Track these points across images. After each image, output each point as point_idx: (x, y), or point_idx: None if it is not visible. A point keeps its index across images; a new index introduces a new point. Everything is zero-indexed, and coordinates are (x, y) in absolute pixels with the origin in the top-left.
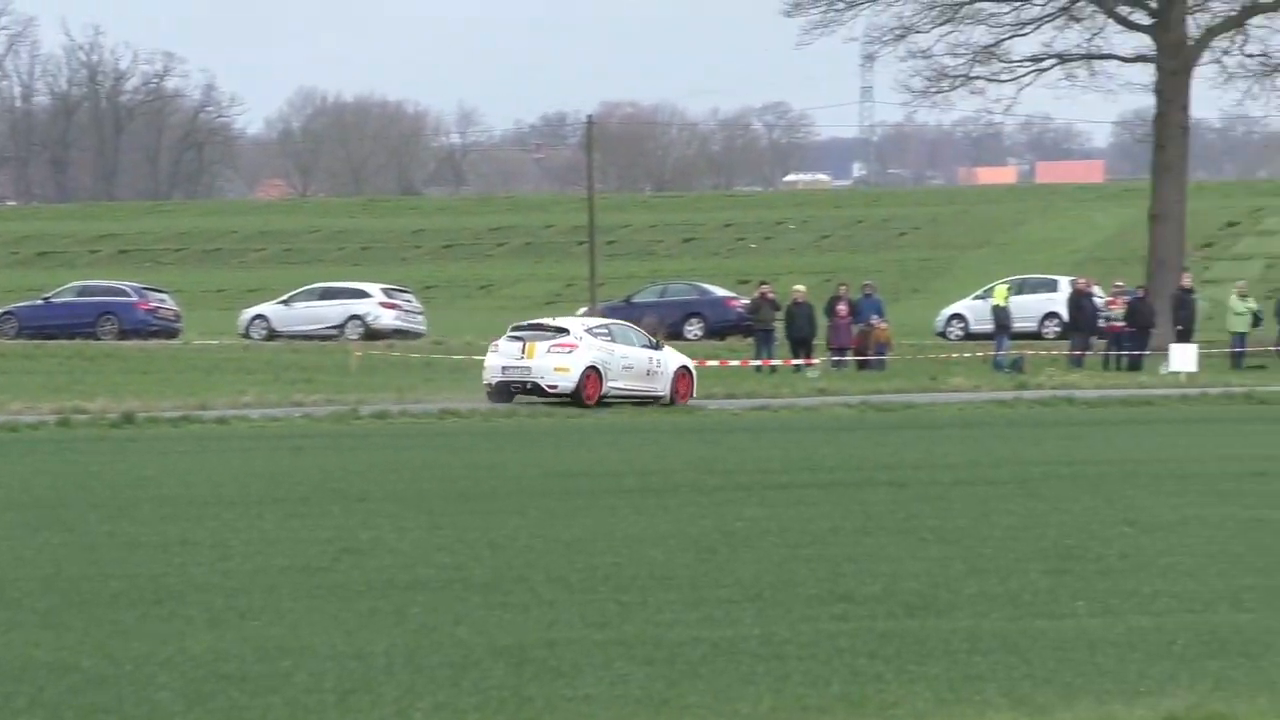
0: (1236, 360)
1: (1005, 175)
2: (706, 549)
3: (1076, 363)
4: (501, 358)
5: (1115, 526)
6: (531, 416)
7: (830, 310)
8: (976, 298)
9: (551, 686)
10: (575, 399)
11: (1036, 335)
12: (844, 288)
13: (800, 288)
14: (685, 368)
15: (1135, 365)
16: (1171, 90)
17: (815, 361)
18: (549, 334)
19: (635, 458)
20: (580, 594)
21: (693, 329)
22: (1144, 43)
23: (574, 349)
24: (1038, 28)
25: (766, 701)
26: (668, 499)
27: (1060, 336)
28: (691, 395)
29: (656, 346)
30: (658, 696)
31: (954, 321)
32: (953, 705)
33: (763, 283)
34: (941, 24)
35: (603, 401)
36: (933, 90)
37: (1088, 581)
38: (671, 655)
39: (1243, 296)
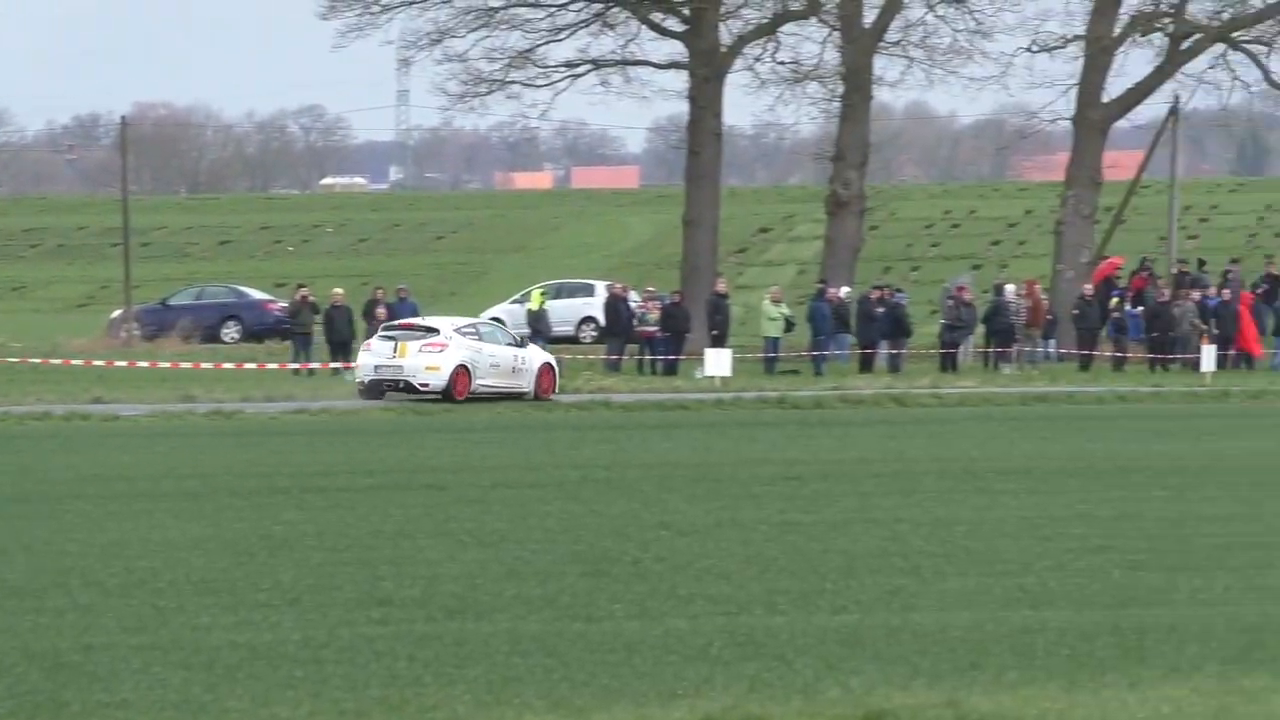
0: (770, 365)
1: (541, 180)
2: (244, 553)
3: (613, 367)
4: (374, 357)
5: (652, 530)
6: (67, 419)
7: (368, 313)
8: (513, 302)
9: (88, 691)
10: (446, 396)
11: (573, 339)
12: (380, 291)
13: (339, 291)
14: (549, 364)
15: (671, 370)
16: (705, 97)
17: (353, 365)
18: (420, 334)
19: (172, 461)
20: (117, 598)
21: (230, 332)
22: (678, 49)
23: (444, 348)
24: (573, 34)
25: (305, 705)
26: (205, 503)
27: (597, 341)
28: (555, 390)
29: (521, 345)
30: (195, 701)
31: None
32: (492, 708)
33: (301, 286)
34: (477, 29)
35: (472, 398)
36: (469, 95)
37: (625, 584)
38: (210, 660)
39: (776, 302)
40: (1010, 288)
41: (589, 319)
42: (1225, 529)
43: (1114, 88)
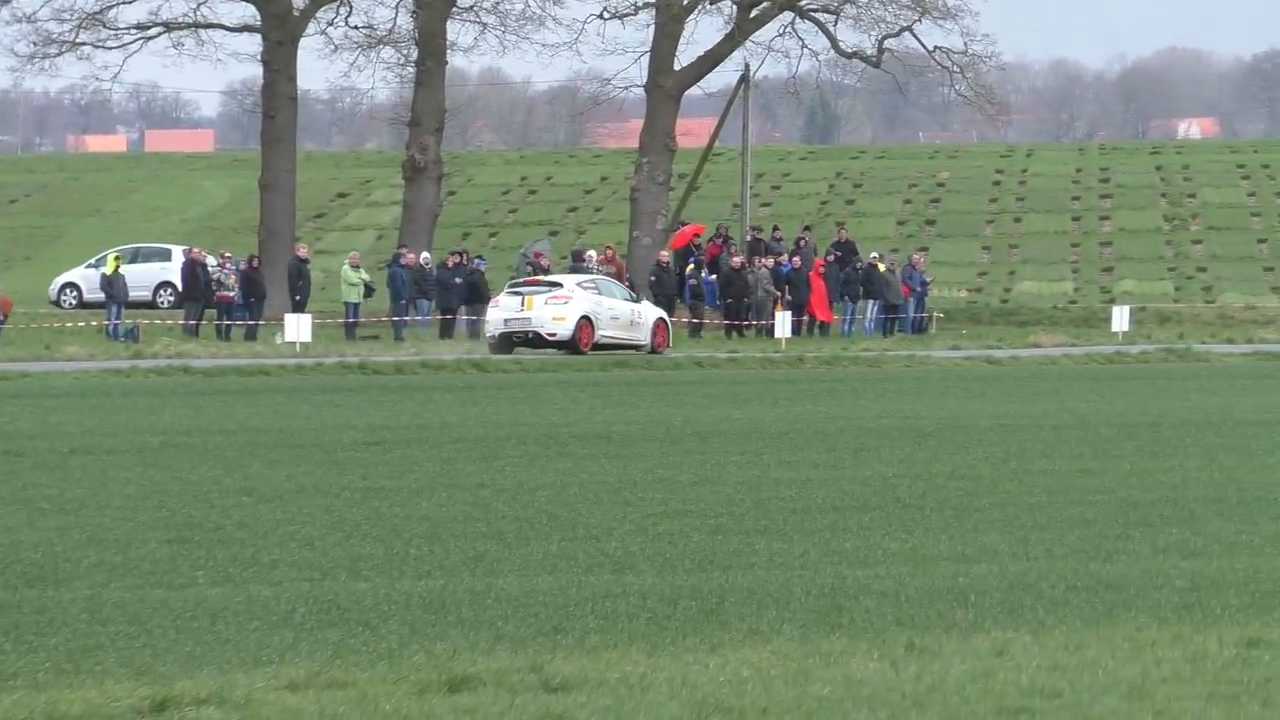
0: (350, 330)
1: (115, 144)
2: None
3: (192, 332)
4: (503, 311)
5: (234, 496)
6: None
7: None
8: (89, 266)
9: None
10: (572, 346)
11: (151, 304)
12: None
13: None
14: (662, 319)
15: (251, 335)
16: (279, 61)
17: None
18: (544, 288)
19: None
20: None
21: None
22: (250, 12)
23: (569, 300)
24: None
25: None
26: None
27: (175, 305)
28: (668, 344)
29: (636, 300)
30: None
31: (67, 290)
32: (73, 676)
33: None
34: None
35: (596, 348)
36: (39, 56)
37: (208, 551)
38: None
39: (355, 267)
40: (591, 253)
41: (166, 284)
42: (802, 493)
43: (686, 55)
